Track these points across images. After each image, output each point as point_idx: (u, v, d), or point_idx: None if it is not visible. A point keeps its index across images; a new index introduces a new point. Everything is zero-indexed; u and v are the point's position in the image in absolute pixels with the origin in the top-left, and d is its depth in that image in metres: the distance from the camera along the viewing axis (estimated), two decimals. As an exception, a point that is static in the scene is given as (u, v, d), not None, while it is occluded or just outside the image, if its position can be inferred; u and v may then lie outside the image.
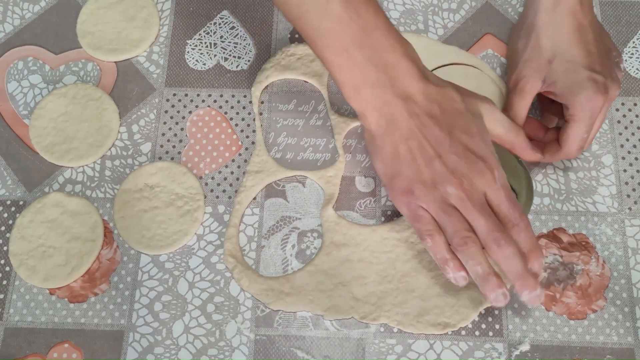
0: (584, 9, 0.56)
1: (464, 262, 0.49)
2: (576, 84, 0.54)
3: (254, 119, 0.62)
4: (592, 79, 0.53)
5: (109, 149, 0.62)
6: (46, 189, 0.61)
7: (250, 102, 0.63)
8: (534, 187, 0.57)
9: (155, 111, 0.63)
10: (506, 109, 0.58)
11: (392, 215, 0.58)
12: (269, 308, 0.55)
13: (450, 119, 0.50)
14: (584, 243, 0.57)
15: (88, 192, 0.60)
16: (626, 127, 0.61)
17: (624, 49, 0.64)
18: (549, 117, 0.60)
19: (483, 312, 0.55)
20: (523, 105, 0.57)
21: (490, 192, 0.49)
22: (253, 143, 0.61)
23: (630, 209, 0.58)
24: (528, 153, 0.54)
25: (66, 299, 0.57)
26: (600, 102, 0.53)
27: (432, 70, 0.63)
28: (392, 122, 0.50)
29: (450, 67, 0.63)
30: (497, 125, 0.52)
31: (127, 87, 0.64)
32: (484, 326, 0.54)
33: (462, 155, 0.49)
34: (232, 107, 0.63)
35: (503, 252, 0.47)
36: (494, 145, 0.51)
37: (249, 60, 0.65)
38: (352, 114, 0.62)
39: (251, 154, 0.61)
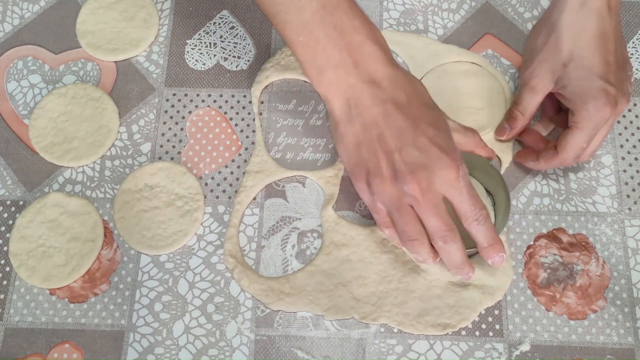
0: (611, 14, 0.55)
1: (408, 251, 0.52)
2: (587, 92, 0.53)
3: (253, 119, 0.62)
4: (604, 90, 0.53)
5: (109, 149, 0.62)
6: (46, 189, 0.61)
7: (250, 102, 0.63)
8: (510, 193, 0.57)
9: (155, 111, 0.63)
10: (516, 102, 0.58)
11: (392, 216, 0.58)
12: (269, 308, 0.55)
13: (417, 110, 0.49)
14: (583, 243, 0.57)
15: (88, 192, 0.60)
16: (626, 127, 0.61)
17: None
18: (546, 122, 0.60)
19: (483, 312, 0.55)
20: (532, 103, 0.57)
21: (453, 190, 0.48)
22: (253, 143, 0.61)
23: (630, 209, 0.58)
24: (487, 150, 0.55)
25: (66, 299, 0.57)
26: (607, 114, 0.53)
27: (432, 69, 0.63)
28: (355, 108, 0.49)
29: (451, 63, 0.63)
30: (454, 133, 0.52)
31: (126, 87, 0.64)
32: (484, 326, 0.54)
33: (424, 149, 0.48)
34: (231, 107, 0.63)
35: (448, 248, 0.49)
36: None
37: (248, 60, 0.65)
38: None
39: (251, 154, 0.61)
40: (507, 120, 0.59)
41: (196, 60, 0.65)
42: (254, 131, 0.62)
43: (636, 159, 0.60)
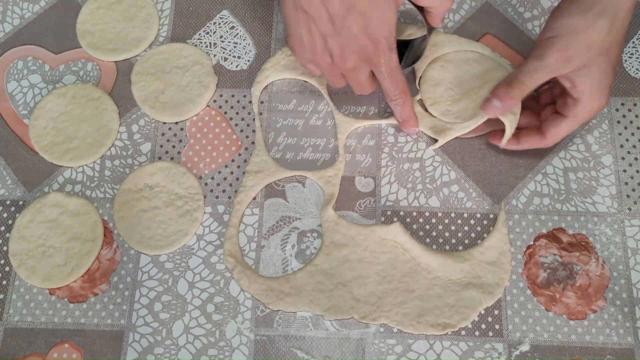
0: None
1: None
2: (601, 90, 0.52)
3: (253, 119, 0.62)
4: (607, 95, 0.53)
5: (109, 149, 0.62)
6: (46, 189, 0.61)
7: (250, 102, 0.63)
8: None
9: (155, 111, 0.63)
10: (521, 75, 0.53)
11: (392, 216, 0.58)
12: (268, 308, 0.55)
13: None
14: (583, 243, 0.57)
15: (88, 192, 0.60)
16: (626, 127, 0.61)
17: (624, 49, 0.63)
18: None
19: (483, 312, 0.55)
20: (539, 81, 0.53)
21: (377, 74, 0.54)
22: (253, 143, 0.61)
23: (630, 209, 0.58)
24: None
25: (66, 299, 0.57)
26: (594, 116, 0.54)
27: (435, 59, 0.63)
28: None
29: (453, 52, 0.63)
30: None
31: (126, 86, 0.64)
32: (483, 326, 0.54)
33: (354, 38, 0.51)
34: (231, 107, 0.63)
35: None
36: None
37: (248, 60, 0.65)
38: (355, 115, 0.62)
39: (251, 154, 0.61)
40: (499, 95, 0.54)
41: (196, 60, 0.65)
42: (254, 131, 0.62)
43: (636, 159, 0.60)
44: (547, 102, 0.58)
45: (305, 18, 0.51)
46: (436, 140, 0.60)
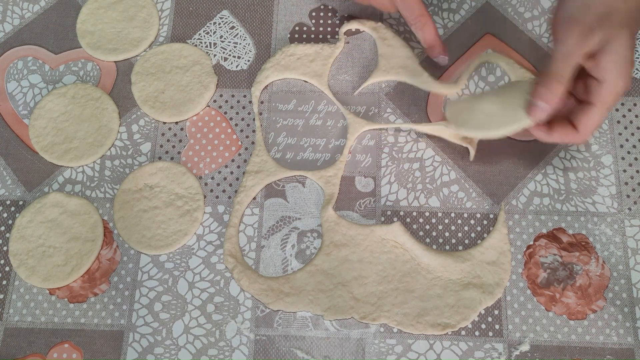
0: None
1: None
2: (626, 64, 0.46)
3: (253, 119, 0.62)
4: (633, 67, 0.48)
5: (109, 149, 0.62)
6: (46, 189, 0.61)
7: (250, 102, 0.63)
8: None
9: (155, 111, 0.63)
10: (555, 61, 0.48)
11: (392, 216, 0.58)
12: (268, 308, 0.55)
13: None
14: (583, 243, 0.57)
15: (88, 192, 0.60)
16: (626, 127, 0.61)
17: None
18: None
19: (483, 312, 0.55)
20: (573, 63, 0.47)
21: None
22: (253, 143, 0.61)
23: (630, 209, 0.58)
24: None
25: (66, 299, 0.57)
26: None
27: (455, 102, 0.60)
28: None
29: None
30: None
31: (126, 86, 0.64)
32: (483, 326, 0.54)
33: None
34: (231, 107, 0.63)
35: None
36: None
37: (248, 60, 0.65)
38: (355, 114, 0.62)
39: (251, 154, 0.61)
40: (541, 96, 0.48)
41: (196, 60, 0.65)
42: (254, 131, 0.62)
43: (636, 159, 0.60)
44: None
45: None
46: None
